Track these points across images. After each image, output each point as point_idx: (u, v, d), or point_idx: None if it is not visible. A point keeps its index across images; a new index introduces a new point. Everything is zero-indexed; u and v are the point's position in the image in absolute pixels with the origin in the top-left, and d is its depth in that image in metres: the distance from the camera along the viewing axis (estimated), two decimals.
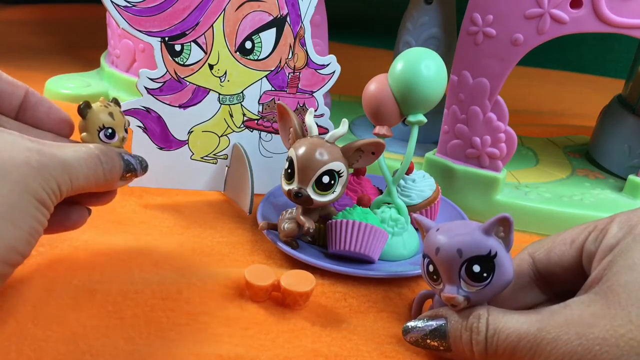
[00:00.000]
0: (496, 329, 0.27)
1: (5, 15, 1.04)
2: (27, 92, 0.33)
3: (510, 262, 0.28)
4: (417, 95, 0.36)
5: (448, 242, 0.28)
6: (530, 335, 0.25)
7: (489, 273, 0.27)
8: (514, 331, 0.26)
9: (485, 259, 0.27)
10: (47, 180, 0.27)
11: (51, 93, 0.62)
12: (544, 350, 0.25)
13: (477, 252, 0.27)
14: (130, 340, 0.29)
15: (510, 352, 0.26)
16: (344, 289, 0.36)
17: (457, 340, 0.28)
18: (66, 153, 0.28)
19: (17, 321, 0.29)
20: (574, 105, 0.89)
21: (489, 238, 0.27)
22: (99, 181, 0.30)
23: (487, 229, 0.27)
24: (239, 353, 0.29)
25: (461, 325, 0.28)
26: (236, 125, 0.45)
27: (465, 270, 0.27)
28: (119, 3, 0.38)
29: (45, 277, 0.32)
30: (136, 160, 0.33)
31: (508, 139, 0.46)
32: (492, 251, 0.27)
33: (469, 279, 0.27)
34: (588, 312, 0.24)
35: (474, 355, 0.27)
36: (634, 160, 0.53)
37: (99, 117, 0.33)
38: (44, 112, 0.33)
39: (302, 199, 0.36)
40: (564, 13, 0.41)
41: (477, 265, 0.27)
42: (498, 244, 0.27)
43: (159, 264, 0.36)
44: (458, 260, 0.27)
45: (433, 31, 0.55)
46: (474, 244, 0.27)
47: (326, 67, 0.45)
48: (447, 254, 0.28)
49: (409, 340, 0.30)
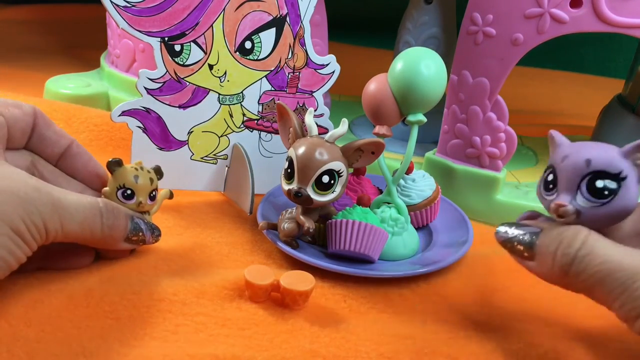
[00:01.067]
0: (592, 251, 0.25)
1: (5, 15, 1.04)
2: (72, 143, 0.35)
3: (637, 193, 0.26)
4: (417, 95, 0.36)
5: (579, 151, 0.26)
6: (630, 269, 0.24)
7: (612, 192, 0.26)
8: (614, 261, 0.24)
9: (612, 177, 0.26)
10: (30, 213, 0.27)
11: (51, 93, 0.62)
12: (636, 290, 0.23)
13: (606, 168, 0.26)
14: (125, 341, 0.29)
15: (597, 280, 0.24)
16: (344, 290, 0.36)
17: (544, 248, 0.27)
18: (66, 197, 0.29)
19: (8, 322, 0.28)
20: (574, 105, 0.89)
21: (624, 160, 0.26)
22: (96, 234, 0.31)
23: (625, 151, 0.26)
24: (236, 353, 0.28)
25: (555, 237, 0.26)
26: (236, 126, 0.45)
27: (587, 183, 0.26)
28: (119, 3, 0.38)
29: (40, 277, 0.32)
30: (147, 227, 0.34)
31: (508, 138, 0.46)
32: (623, 172, 0.26)
33: (588, 193, 0.26)
34: None
35: (554, 270, 0.26)
36: None
37: (123, 176, 0.33)
38: (82, 164, 0.35)
39: (302, 198, 0.36)
40: (564, 13, 0.41)
41: (601, 180, 0.26)
42: (631, 169, 0.26)
43: (157, 264, 0.36)
44: (584, 170, 0.26)
45: (433, 31, 0.55)
46: (606, 159, 0.26)
47: (326, 67, 0.45)
48: (574, 161, 0.26)
49: (497, 239, 0.29)
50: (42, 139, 0.34)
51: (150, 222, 0.35)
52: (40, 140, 0.34)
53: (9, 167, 0.29)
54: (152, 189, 0.35)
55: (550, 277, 0.27)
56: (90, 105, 0.59)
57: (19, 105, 0.33)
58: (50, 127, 0.34)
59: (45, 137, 0.34)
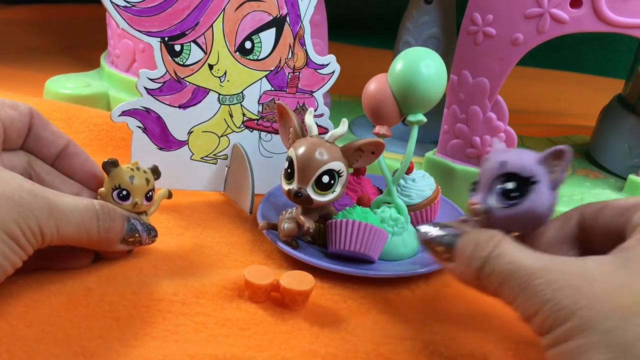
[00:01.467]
0: (501, 253, 0.26)
1: (5, 15, 1.04)
2: (69, 143, 0.35)
3: (550, 200, 0.27)
4: (417, 95, 0.36)
5: (499, 154, 0.28)
6: (529, 269, 0.24)
7: (521, 195, 0.26)
8: (516, 261, 0.25)
9: (523, 180, 0.26)
10: (25, 217, 0.27)
11: (51, 93, 0.62)
12: (533, 290, 0.24)
13: (518, 171, 0.27)
14: (125, 341, 0.29)
15: (501, 280, 0.25)
16: (344, 291, 0.36)
17: (462, 251, 0.27)
18: (62, 200, 0.29)
19: (8, 323, 0.28)
20: (574, 105, 0.89)
21: (538, 165, 0.27)
22: (92, 237, 0.31)
23: (541, 158, 0.27)
24: (235, 353, 0.28)
25: (472, 239, 0.27)
26: (236, 126, 0.45)
27: (500, 184, 0.27)
28: (119, 3, 0.38)
29: (39, 277, 0.32)
30: (143, 228, 0.34)
31: (508, 138, 0.46)
32: (534, 177, 0.26)
33: (499, 194, 0.27)
34: (597, 269, 0.23)
35: (470, 272, 0.27)
36: (634, 160, 0.53)
37: (118, 177, 0.33)
38: (79, 164, 0.35)
39: (302, 198, 0.36)
40: (564, 13, 0.41)
41: (512, 182, 0.27)
42: (545, 175, 0.27)
43: (157, 264, 0.36)
44: (497, 172, 0.27)
45: (433, 31, 0.55)
46: (520, 163, 0.27)
47: (326, 66, 0.45)
48: (491, 163, 0.28)
49: (419, 238, 0.29)
50: (39, 139, 0.34)
51: (147, 223, 0.35)
52: (37, 141, 0.34)
53: (4, 170, 0.28)
54: (149, 189, 0.34)
55: (466, 279, 0.28)
56: (90, 105, 0.59)
57: (15, 106, 0.33)
58: (46, 127, 0.34)
59: (41, 137, 0.34)
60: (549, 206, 0.27)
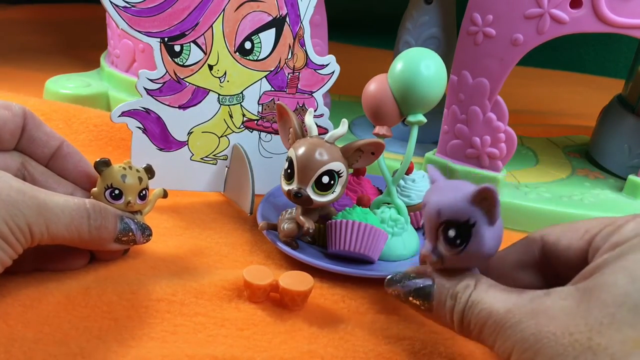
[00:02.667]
0: (474, 302, 0.26)
1: (5, 15, 1.04)
2: (62, 144, 0.35)
3: (494, 236, 0.27)
4: (416, 95, 0.36)
5: (432, 200, 0.27)
6: (498, 315, 0.25)
7: (463, 240, 0.27)
8: (487, 308, 0.25)
9: (462, 225, 0.26)
10: (13, 215, 0.27)
11: (51, 93, 0.62)
12: (505, 332, 0.24)
13: (454, 217, 0.26)
14: (123, 341, 0.29)
15: (480, 328, 0.26)
16: (343, 291, 0.36)
17: (441, 305, 0.28)
18: (52, 199, 0.29)
19: (6, 323, 0.28)
20: (574, 105, 0.89)
21: (470, 206, 0.26)
22: (83, 236, 0.30)
23: (471, 197, 0.26)
24: (235, 354, 0.28)
25: (448, 291, 0.28)
26: (236, 126, 0.45)
27: (442, 232, 0.27)
28: (118, 3, 0.38)
29: (37, 277, 0.32)
30: (137, 227, 0.34)
31: (508, 139, 0.46)
32: (470, 219, 0.26)
33: (444, 242, 0.27)
34: (559, 305, 0.24)
35: (453, 324, 0.27)
36: (633, 160, 0.53)
37: (110, 176, 0.33)
38: (72, 164, 0.35)
39: (302, 199, 0.36)
40: (564, 13, 0.41)
41: (452, 230, 0.27)
42: (481, 215, 0.26)
43: (156, 265, 0.36)
44: (437, 221, 0.27)
45: (433, 31, 0.55)
46: (454, 209, 0.26)
47: (325, 67, 0.45)
48: (429, 211, 0.27)
49: (390, 293, 0.30)
50: (32, 140, 0.34)
51: (141, 222, 0.34)
52: (30, 142, 0.34)
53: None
54: (142, 188, 0.34)
55: (448, 327, 0.28)
56: (90, 105, 0.59)
57: (8, 107, 0.33)
58: (40, 128, 0.34)
59: (35, 138, 0.34)
60: (495, 240, 0.27)
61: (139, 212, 0.35)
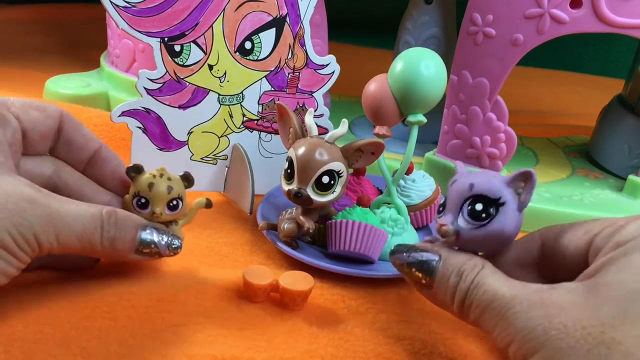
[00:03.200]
0: (479, 282, 0.26)
1: (5, 15, 1.04)
2: (101, 147, 0.33)
3: (517, 222, 0.27)
4: (416, 95, 0.36)
5: (466, 177, 0.28)
6: (503, 299, 0.25)
7: (489, 216, 0.27)
8: (492, 290, 0.25)
9: (491, 201, 0.27)
10: (18, 225, 0.26)
11: (51, 93, 0.62)
12: (508, 318, 0.24)
13: (486, 192, 0.27)
14: (123, 341, 0.29)
15: (481, 310, 0.25)
16: (343, 291, 0.36)
17: (444, 281, 0.27)
18: (66, 208, 0.28)
19: (6, 322, 0.28)
20: (574, 105, 0.89)
21: (506, 187, 0.27)
22: (95, 247, 0.29)
23: (508, 180, 0.27)
24: (234, 354, 0.28)
25: (454, 268, 0.27)
26: (236, 126, 0.45)
27: (469, 206, 0.27)
28: (118, 3, 0.38)
29: (38, 277, 0.32)
30: (162, 239, 0.31)
31: (508, 139, 0.46)
32: (502, 199, 0.27)
33: (467, 215, 0.27)
34: (566, 298, 0.24)
35: (453, 303, 0.27)
36: (633, 160, 0.53)
37: (139, 183, 0.32)
38: (110, 169, 0.34)
39: (302, 199, 0.36)
40: (564, 13, 0.41)
41: (481, 204, 0.27)
42: (512, 197, 0.27)
43: (156, 265, 0.36)
44: (466, 193, 0.28)
45: (433, 31, 0.55)
46: (488, 185, 0.27)
47: (326, 67, 0.45)
48: (459, 185, 0.28)
49: (392, 261, 0.29)
50: (69, 143, 0.32)
51: (170, 234, 0.32)
52: (67, 145, 0.33)
53: (6, 176, 0.27)
54: (171, 198, 0.32)
55: (445, 306, 0.28)
56: (90, 105, 0.59)
57: (42, 108, 0.31)
58: (78, 130, 0.33)
59: (72, 141, 0.32)
60: (516, 227, 0.28)
61: (173, 223, 0.33)
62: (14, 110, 0.31)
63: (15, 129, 0.30)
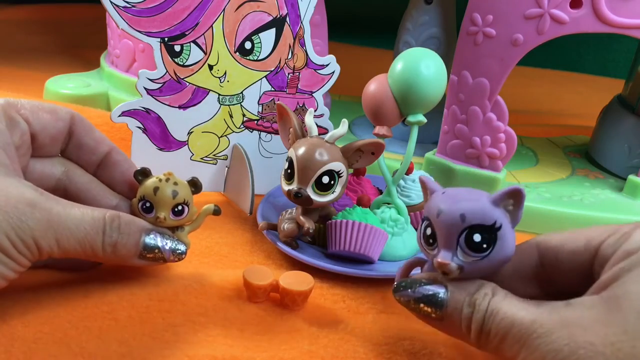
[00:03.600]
0: (494, 310, 0.25)
1: (5, 15, 1.04)
2: (112, 150, 0.33)
3: (513, 239, 0.27)
4: (416, 95, 0.36)
5: (452, 205, 0.26)
6: (523, 324, 0.24)
7: (490, 245, 0.26)
8: (510, 316, 0.25)
9: (488, 229, 0.26)
10: (16, 228, 0.26)
11: (51, 93, 0.62)
12: (532, 343, 0.24)
13: (481, 221, 0.26)
14: (124, 341, 0.29)
15: (501, 337, 0.25)
16: (343, 291, 0.36)
17: (456, 313, 0.27)
18: (68, 212, 0.28)
19: (6, 322, 0.28)
20: (574, 105, 0.89)
21: (496, 209, 0.26)
22: (97, 251, 0.29)
23: (495, 200, 0.26)
24: (235, 354, 0.29)
25: (465, 299, 0.26)
26: (236, 126, 0.45)
27: (465, 238, 0.26)
28: (118, 3, 0.38)
29: (38, 277, 0.32)
30: (167, 244, 0.31)
31: (508, 139, 0.46)
32: (497, 222, 0.26)
33: (467, 248, 0.26)
34: (587, 315, 0.23)
35: (469, 333, 0.26)
36: (633, 160, 0.53)
37: (145, 187, 0.31)
38: (120, 172, 0.33)
39: (302, 199, 0.36)
40: (564, 13, 0.41)
41: (478, 234, 0.26)
42: (504, 217, 0.26)
43: (156, 265, 0.36)
44: (459, 226, 0.26)
45: (433, 31, 0.55)
46: (480, 212, 0.26)
47: (326, 67, 0.45)
48: (449, 217, 0.26)
49: (398, 299, 0.28)
50: (80, 146, 0.32)
51: (174, 239, 0.32)
52: (78, 148, 0.33)
53: (9, 178, 0.27)
54: (176, 203, 0.31)
55: (460, 337, 0.27)
56: (90, 105, 0.59)
57: (53, 111, 0.31)
58: (89, 133, 0.33)
59: (82, 144, 0.32)
60: (513, 244, 0.27)
61: (179, 228, 0.33)
62: (23, 113, 0.30)
63: (23, 132, 0.30)
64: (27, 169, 0.31)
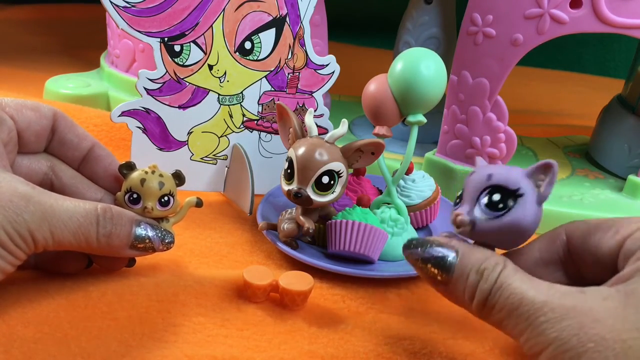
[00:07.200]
0: (503, 283, 0.25)
1: (5, 15, 1.04)
2: (94, 146, 0.34)
3: (535, 215, 0.26)
4: (416, 96, 0.36)
5: (485, 168, 0.28)
6: (533, 304, 0.24)
7: (506, 206, 0.26)
8: (519, 293, 0.24)
9: (509, 192, 0.26)
10: (12, 221, 0.26)
11: (51, 93, 0.62)
12: (540, 326, 0.23)
13: (504, 183, 0.26)
14: (123, 341, 0.29)
15: (506, 313, 0.24)
16: (343, 291, 0.36)
17: (462, 278, 0.26)
18: (60, 204, 0.28)
19: (6, 323, 0.28)
20: (574, 105, 0.89)
21: (524, 178, 0.27)
22: (91, 243, 0.29)
23: (528, 172, 0.27)
24: (234, 354, 0.29)
25: (473, 266, 0.26)
26: (236, 126, 0.45)
27: (486, 196, 0.27)
28: (118, 3, 0.38)
29: (37, 277, 0.32)
30: (156, 234, 0.32)
31: (508, 139, 0.46)
32: (520, 190, 0.26)
33: (484, 205, 0.27)
34: (601, 306, 0.23)
35: (472, 302, 0.26)
36: (633, 160, 0.53)
37: (131, 179, 0.32)
38: (103, 167, 0.34)
39: (302, 199, 0.36)
40: (564, 13, 0.41)
41: (499, 194, 0.26)
42: (531, 189, 0.26)
43: (156, 266, 0.36)
44: (484, 183, 0.27)
45: (433, 31, 0.55)
46: (506, 176, 0.27)
47: (325, 67, 0.45)
48: (478, 175, 0.27)
49: (406, 256, 0.28)
50: (63, 142, 0.33)
51: (162, 229, 0.32)
52: (61, 144, 0.33)
53: (1, 174, 0.28)
54: (162, 194, 0.32)
55: (461, 304, 0.27)
56: (90, 105, 0.59)
57: (36, 108, 0.32)
58: (72, 130, 0.33)
59: (65, 140, 0.33)
60: (534, 221, 0.27)
61: (164, 220, 0.33)
62: (8, 111, 0.31)
63: (10, 129, 0.30)
64: (14, 165, 0.32)
